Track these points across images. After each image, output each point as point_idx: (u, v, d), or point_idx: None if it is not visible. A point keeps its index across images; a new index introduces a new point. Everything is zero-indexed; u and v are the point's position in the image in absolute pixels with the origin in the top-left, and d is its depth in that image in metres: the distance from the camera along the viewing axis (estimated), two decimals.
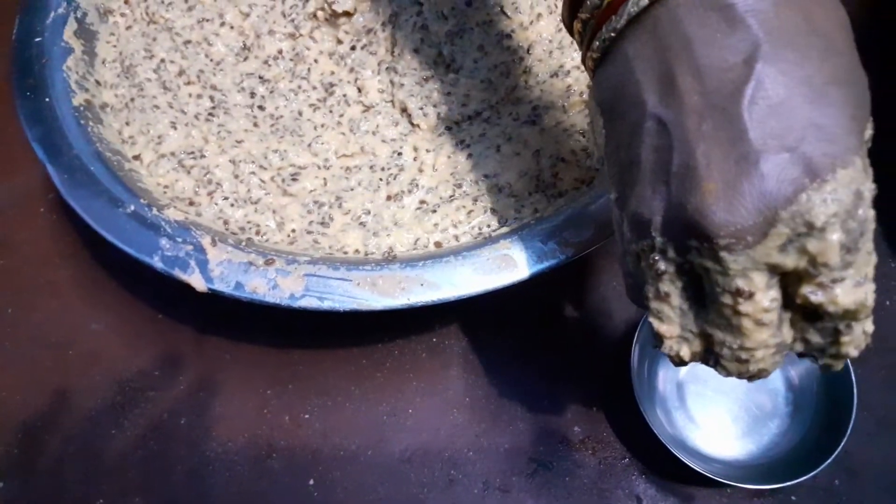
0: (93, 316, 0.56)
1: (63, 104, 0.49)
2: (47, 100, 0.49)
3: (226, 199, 0.48)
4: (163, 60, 0.53)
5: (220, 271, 0.42)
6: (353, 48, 0.53)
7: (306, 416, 0.52)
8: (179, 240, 0.43)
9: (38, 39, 0.51)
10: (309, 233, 0.46)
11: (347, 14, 0.53)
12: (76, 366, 0.54)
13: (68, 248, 0.59)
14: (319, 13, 0.53)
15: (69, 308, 0.57)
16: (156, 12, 0.55)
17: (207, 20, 0.55)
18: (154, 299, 0.56)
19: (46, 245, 0.59)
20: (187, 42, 0.54)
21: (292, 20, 0.53)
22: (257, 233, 0.46)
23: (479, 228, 0.46)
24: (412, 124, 0.50)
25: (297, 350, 0.54)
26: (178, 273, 0.42)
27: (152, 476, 0.51)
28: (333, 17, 0.53)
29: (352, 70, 0.52)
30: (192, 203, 0.48)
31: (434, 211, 0.46)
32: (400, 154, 0.49)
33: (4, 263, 0.58)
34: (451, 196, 0.47)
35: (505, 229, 0.45)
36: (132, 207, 0.45)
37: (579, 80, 0.49)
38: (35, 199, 0.61)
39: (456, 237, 0.45)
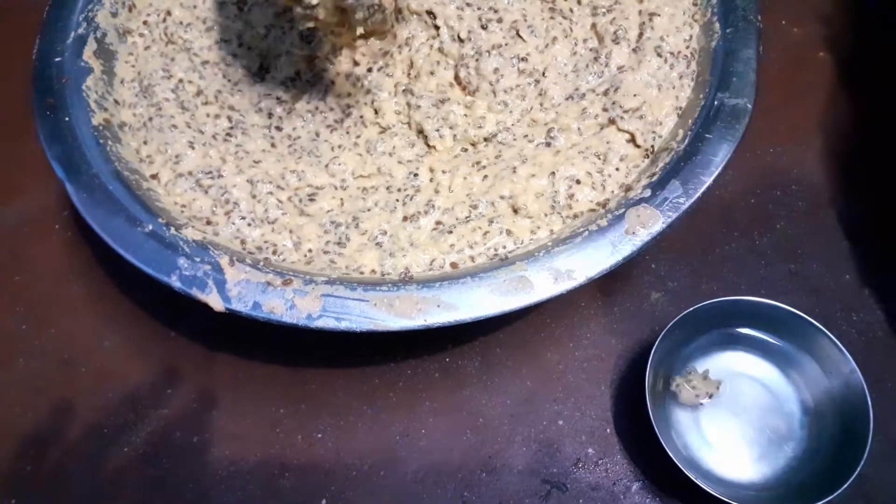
0: (105, 333, 0.56)
1: (82, 123, 0.49)
2: (67, 119, 0.49)
3: (243, 218, 0.48)
4: (181, 80, 0.53)
5: (237, 291, 0.42)
6: (369, 70, 0.53)
7: (319, 435, 0.52)
8: (197, 259, 0.43)
9: (58, 59, 0.52)
10: (325, 253, 0.46)
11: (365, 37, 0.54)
12: (88, 382, 0.55)
13: (82, 264, 0.59)
14: None
15: (82, 325, 0.57)
16: (174, 33, 0.55)
17: (226, 41, 0.55)
18: (166, 317, 0.56)
19: (60, 261, 0.59)
20: (205, 62, 0.54)
21: (309, 42, 0.54)
22: (274, 252, 0.47)
23: (495, 249, 0.46)
24: (428, 146, 0.50)
25: (310, 369, 0.54)
26: (196, 293, 0.42)
27: (162, 495, 0.51)
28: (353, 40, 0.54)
29: (368, 92, 0.52)
30: (209, 222, 0.48)
31: (450, 232, 0.46)
32: (416, 175, 0.49)
33: (19, 280, 0.59)
34: (466, 217, 0.47)
35: (521, 251, 0.45)
36: (150, 227, 0.45)
37: (594, 103, 0.50)
38: (50, 216, 0.61)
39: (472, 258, 0.45)
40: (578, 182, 0.47)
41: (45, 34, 0.53)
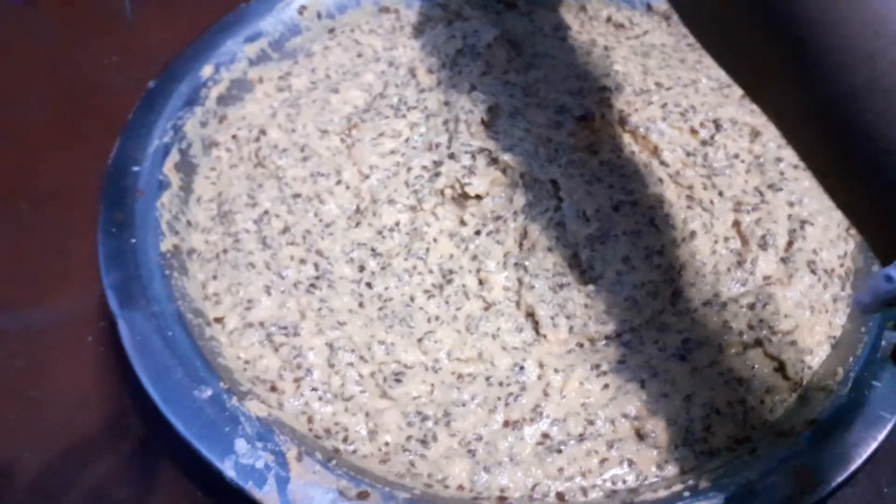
0: (118, 480, 0.48)
1: (150, 248, 0.42)
2: (133, 241, 0.43)
3: (315, 390, 0.39)
4: (266, 212, 0.46)
5: (302, 495, 0.34)
6: (477, 233, 0.46)
7: None
8: (259, 445, 0.35)
9: (136, 168, 0.46)
10: (405, 451, 0.38)
11: (478, 197, 0.47)
12: None
13: (111, 390, 0.50)
14: (448, 190, 0.47)
15: (94, 463, 0.49)
16: (267, 156, 0.49)
17: (322, 175, 0.48)
18: (194, 473, 0.47)
19: (86, 382, 0.50)
20: (297, 196, 0.47)
21: (415, 191, 0.47)
22: (345, 440, 0.38)
23: (613, 483, 0.37)
24: (538, 333, 0.42)
25: None
26: (251, 489, 0.34)
27: None
28: (462, 198, 0.47)
29: (474, 258, 0.45)
30: (274, 388, 0.40)
31: (559, 451, 0.37)
32: (522, 368, 0.41)
33: (34, 396, 0.51)
34: (580, 435, 0.38)
35: (647, 493, 0.36)
36: (210, 391, 0.37)
37: (738, 317, 0.42)
38: (84, 325, 0.52)
39: (584, 490, 0.36)
40: (718, 412, 0.39)
41: (126, 137, 0.47)
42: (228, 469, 0.34)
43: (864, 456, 0.36)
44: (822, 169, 0.30)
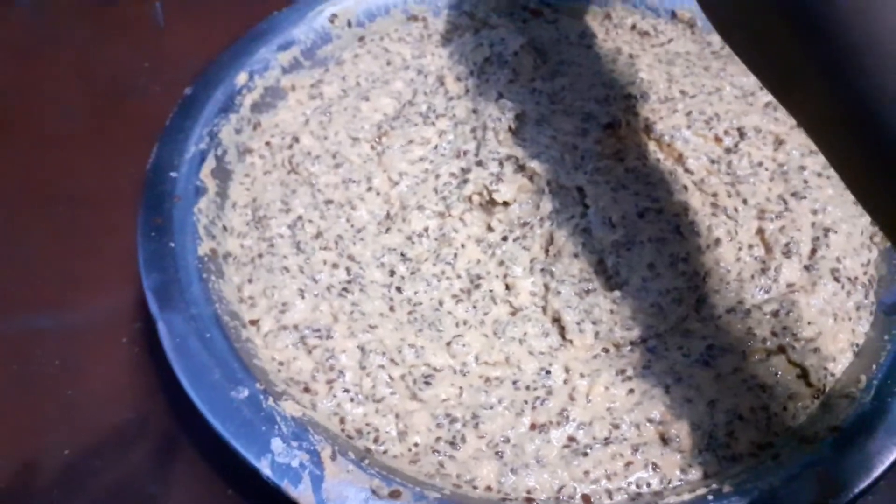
0: (153, 476, 0.50)
1: (188, 252, 0.44)
2: (172, 245, 0.44)
3: (346, 391, 0.40)
4: (300, 217, 0.48)
5: (336, 494, 0.36)
6: (504, 239, 0.47)
7: None
8: (294, 444, 0.36)
9: (173, 174, 0.47)
10: (435, 452, 0.39)
11: (506, 203, 0.48)
12: None
13: (144, 390, 0.52)
14: (475, 197, 0.48)
15: (128, 460, 0.51)
16: (300, 163, 0.50)
17: (354, 181, 0.49)
18: (226, 471, 0.49)
19: (121, 382, 0.52)
20: (329, 202, 0.49)
21: (444, 198, 0.48)
22: (376, 440, 0.39)
23: (638, 486, 0.38)
24: (564, 338, 0.43)
25: None
26: (287, 487, 0.35)
27: None
28: (489, 204, 0.48)
29: (501, 263, 0.46)
30: (307, 389, 0.41)
31: (585, 454, 0.38)
32: (549, 373, 0.41)
33: (69, 394, 0.53)
34: (606, 439, 0.39)
35: (671, 497, 0.37)
36: (246, 392, 0.38)
37: (761, 324, 0.42)
38: (119, 326, 0.54)
39: (609, 493, 0.37)
40: (741, 418, 0.40)
41: (163, 144, 0.48)
42: (265, 468, 0.36)
43: (887, 463, 0.37)
44: (852, 174, 0.30)
